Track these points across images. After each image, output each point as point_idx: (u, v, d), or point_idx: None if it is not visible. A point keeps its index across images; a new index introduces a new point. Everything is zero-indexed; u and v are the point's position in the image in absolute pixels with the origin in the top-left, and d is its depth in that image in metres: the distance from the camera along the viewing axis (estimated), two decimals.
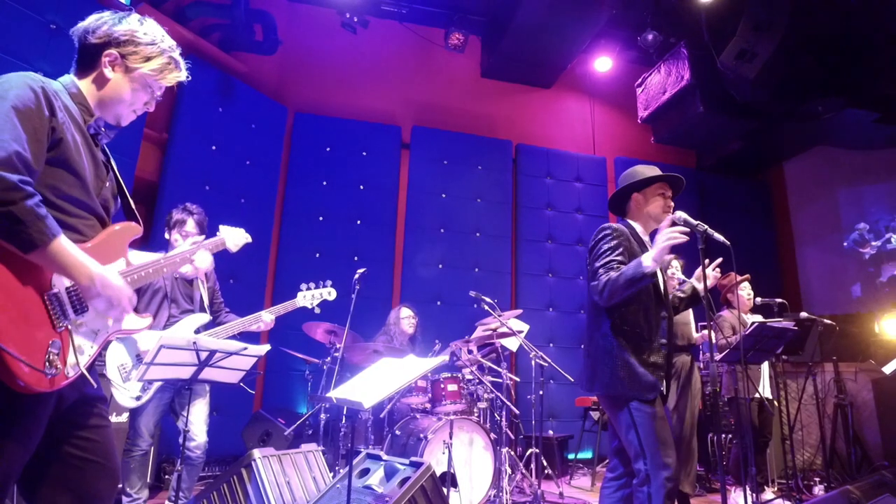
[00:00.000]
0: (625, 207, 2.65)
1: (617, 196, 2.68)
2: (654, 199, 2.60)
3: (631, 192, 2.62)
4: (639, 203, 2.61)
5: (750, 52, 5.76)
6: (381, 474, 2.64)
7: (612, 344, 2.37)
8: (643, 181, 2.60)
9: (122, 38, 1.57)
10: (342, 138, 6.37)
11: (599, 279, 2.32)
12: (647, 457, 2.21)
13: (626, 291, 2.29)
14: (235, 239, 2.74)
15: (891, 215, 7.42)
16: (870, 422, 5.06)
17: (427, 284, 6.23)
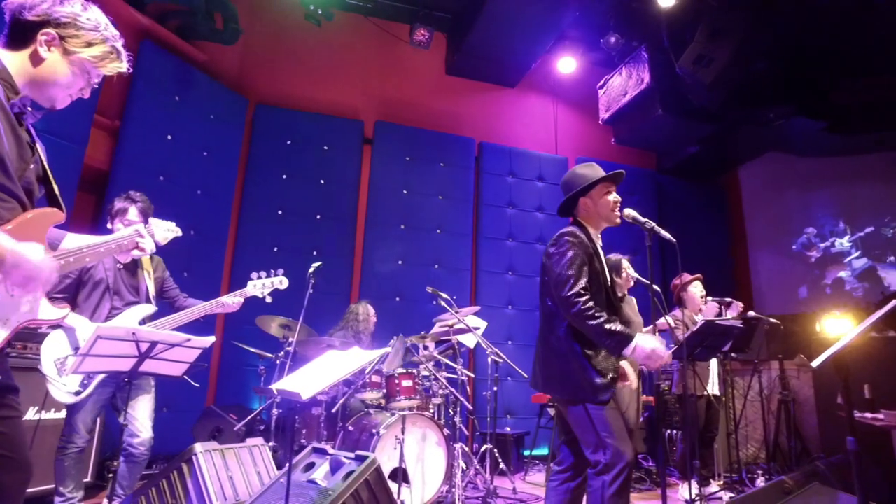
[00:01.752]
0: (574, 211, 2.68)
1: (565, 202, 2.70)
2: (602, 200, 2.62)
3: (578, 198, 2.64)
4: (587, 207, 2.63)
5: (707, 58, 5.91)
6: (327, 468, 2.61)
7: (569, 346, 2.40)
8: (588, 185, 2.61)
9: (63, 20, 1.51)
10: (304, 131, 6.29)
11: (581, 300, 2.30)
12: (606, 448, 2.26)
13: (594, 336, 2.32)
14: (165, 232, 2.68)
15: (835, 221, 7.72)
16: (810, 416, 5.26)
17: (387, 280, 6.21)
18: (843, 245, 7.72)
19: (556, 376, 2.42)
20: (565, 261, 2.41)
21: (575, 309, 2.31)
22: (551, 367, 2.45)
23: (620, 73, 6.71)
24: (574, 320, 2.35)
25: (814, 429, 5.23)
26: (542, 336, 2.53)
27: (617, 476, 2.23)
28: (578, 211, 2.65)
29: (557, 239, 2.50)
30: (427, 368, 4.32)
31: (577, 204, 2.64)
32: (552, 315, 2.49)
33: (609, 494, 2.22)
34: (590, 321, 2.29)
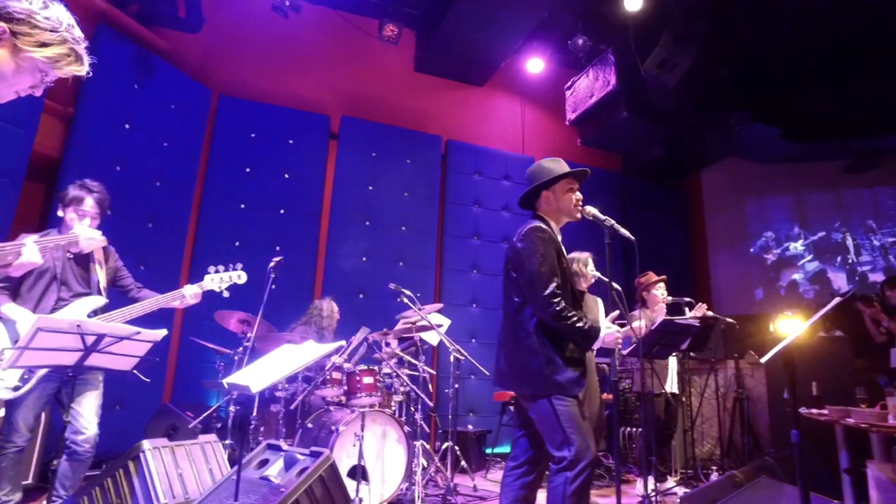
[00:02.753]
0: (535, 204, 2.68)
1: (527, 193, 2.71)
2: (564, 195, 2.64)
3: (540, 190, 2.65)
4: (549, 200, 2.64)
5: (671, 62, 6.03)
6: (281, 465, 2.57)
7: (538, 342, 2.40)
8: (552, 179, 2.63)
9: (18, 16, 1.42)
10: (268, 125, 6.18)
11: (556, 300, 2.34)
12: (571, 445, 2.27)
13: (568, 335, 2.38)
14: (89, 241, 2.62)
15: (790, 225, 7.98)
16: (763, 413, 5.41)
17: (350, 277, 6.15)
18: (797, 249, 7.98)
19: (524, 372, 2.42)
20: (537, 258, 2.42)
21: (551, 309, 2.33)
22: (519, 363, 2.44)
23: (587, 74, 6.78)
24: (548, 319, 2.36)
25: (766, 425, 5.38)
26: (508, 331, 2.52)
27: (580, 473, 2.24)
28: (540, 204, 2.65)
29: (526, 234, 2.49)
30: (389, 366, 4.29)
31: (540, 196, 2.65)
32: (519, 310, 2.48)
33: (571, 491, 2.23)
34: (564, 321, 2.33)
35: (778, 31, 6.30)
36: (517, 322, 2.48)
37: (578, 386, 2.38)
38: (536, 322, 2.42)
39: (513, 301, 2.52)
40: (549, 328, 2.41)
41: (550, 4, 6.24)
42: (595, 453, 2.33)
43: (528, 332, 2.43)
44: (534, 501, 2.51)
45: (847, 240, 7.72)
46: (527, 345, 2.42)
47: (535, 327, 2.42)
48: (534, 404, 2.39)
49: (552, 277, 2.38)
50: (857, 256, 7.64)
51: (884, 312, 5.16)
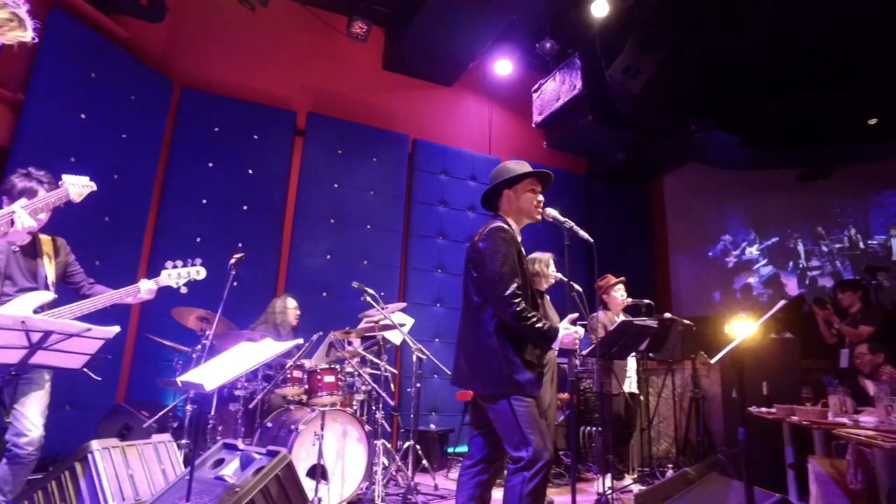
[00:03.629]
0: (496, 203, 2.70)
1: (489, 192, 2.72)
2: (525, 195, 2.65)
3: (502, 189, 2.66)
4: (510, 199, 2.65)
5: (635, 69, 6.15)
6: (237, 464, 2.52)
7: (498, 342, 2.41)
8: (514, 178, 2.64)
9: None
10: (233, 119, 6.07)
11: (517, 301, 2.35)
12: (529, 444, 2.28)
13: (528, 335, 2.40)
14: (80, 188, 2.50)
15: (747, 231, 8.24)
16: (717, 413, 5.57)
17: (314, 275, 6.09)
18: (752, 253, 8.25)
19: (484, 371, 2.42)
20: (499, 258, 2.42)
21: (511, 310, 2.35)
22: (478, 363, 2.44)
23: (554, 78, 6.87)
24: (508, 320, 2.37)
25: (720, 424, 5.54)
26: (468, 331, 2.52)
27: (537, 473, 2.27)
28: (502, 203, 2.67)
29: (488, 234, 2.50)
30: (351, 365, 4.27)
31: (502, 196, 2.66)
32: (479, 310, 2.49)
33: (527, 491, 2.25)
34: (524, 322, 2.35)
35: (738, 43, 6.50)
36: (477, 321, 2.49)
37: (537, 387, 2.41)
38: (497, 322, 2.43)
39: (473, 300, 2.53)
40: (508, 328, 2.43)
41: (519, 7, 6.30)
42: (551, 453, 2.36)
43: (489, 332, 2.43)
44: (489, 500, 2.53)
45: (798, 245, 8.02)
46: (487, 344, 2.43)
47: (496, 327, 2.43)
48: (492, 404, 2.40)
49: (513, 278, 2.40)
50: (808, 261, 7.95)
51: (836, 315, 5.36)
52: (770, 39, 6.42)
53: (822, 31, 6.29)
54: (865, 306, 5.21)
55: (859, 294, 5.27)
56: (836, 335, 5.37)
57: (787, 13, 6.12)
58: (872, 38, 6.31)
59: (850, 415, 3.05)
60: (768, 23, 6.24)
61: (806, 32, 6.33)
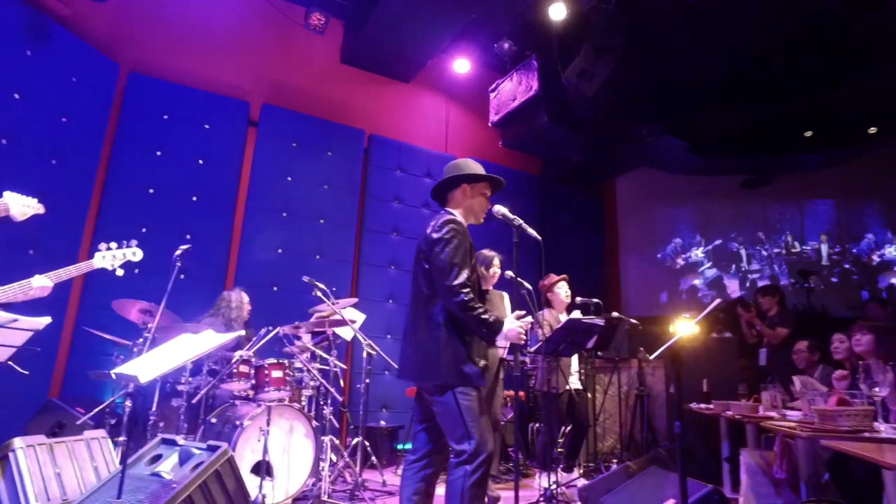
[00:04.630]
0: (447, 196, 2.71)
1: (444, 183, 2.72)
2: (479, 196, 2.70)
3: (461, 183, 2.68)
4: (465, 194, 2.68)
5: (590, 72, 6.27)
6: (175, 460, 2.45)
7: (446, 334, 2.42)
8: (476, 175, 2.68)
9: None
10: (183, 107, 5.88)
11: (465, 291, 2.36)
12: (472, 438, 2.30)
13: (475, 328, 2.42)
14: (23, 208, 2.38)
15: (693, 234, 8.54)
16: (661, 410, 5.75)
17: (265, 268, 5.97)
18: (698, 256, 8.55)
19: (430, 364, 2.42)
20: (450, 248, 2.43)
21: (458, 299, 2.35)
22: (425, 355, 2.44)
23: (511, 78, 6.94)
24: (455, 309, 2.38)
25: (663, 420, 5.73)
26: (416, 323, 2.52)
27: (479, 467, 2.29)
28: (455, 195, 2.69)
29: (442, 225, 2.50)
30: (300, 360, 4.21)
31: (457, 188, 2.68)
32: (429, 301, 2.49)
33: (469, 484, 2.27)
34: (471, 312, 2.36)
35: (688, 53, 6.72)
36: (427, 313, 2.49)
37: (482, 379, 2.43)
38: (447, 314, 2.44)
39: (423, 292, 2.53)
40: (457, 321, 2.44)
41: (479, 7, 6.33)
42: (493, 447, 2.39)
43: (437, 324, 2.44)
44: (433, 493, 2.54)
45: (741, 249, 8.37)
46: (435, 336, 2.43)
47: (445, 319, 2.44)
48: (438, 397, 2.41)
49: (464, 268, 2.41)
50: (749, 265, 8.31)
51: (757, 317, 5.70)
52: (717, 51, 6.67)
53: (766, 46, 6.57)
54: (781, 310, 5.58)
55: (777, 298, 5.65)
56: (757, 336, 5.70)
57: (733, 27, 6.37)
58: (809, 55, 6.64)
59: (779, 409, 3.20)
60: (716, 35, 6.47)
61: (750, 46, 6.60)
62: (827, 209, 8.37)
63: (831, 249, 8.23)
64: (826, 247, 8.24)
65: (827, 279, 8.11)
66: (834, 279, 8.14)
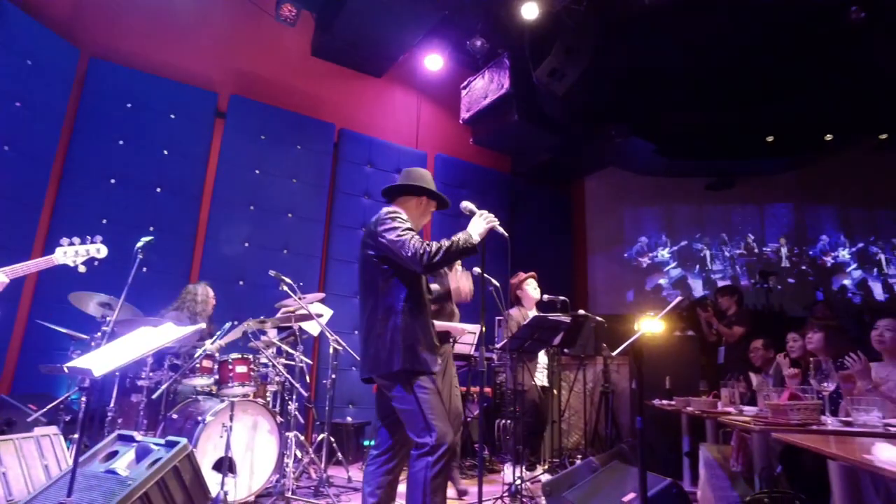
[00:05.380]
0: (399, 197, 2.75)
1: (406, 188, 2.75)
2: (427, 212, 2.81)
3: (422, 194, 2.75)
4: (419, 205, 2.75)
5: (560, 72, 6.33)
6: (132, 457, 2.39)
7: (405, 322, 2.43)
8: (434, 192, 2.78)
9: None
10: (148, 96, 5.72)
11: (426, 245, 2.39)
12: (432, 430, 2.31)
13: (455, 258, 2.51)
14: None
15: (659, 234, 8.71)
16: (625, 406, 5.85)
17: (231, 262, 5.86)
18: (663, 256, 8.72)
19: (387, 358, 2.41)
20: (396, 223, 2.47)
21: (424, 257, 2.37)
22: (381, 349, 2.43)
23: (483, 76, 6.95)
24: (425, 266, 2.40)
25: (627, 417, 5.83)
26: (371, 318, 2.50)
27: (440, 458, 2.31)
28: (406, 202, 2.73)
29: (385, 217, 2.52)
30: (265, 355, 4.15)
31: (412, 197, 2.74)
32: (385, 293, 2.48)
33: (431, 475, 2.29)
34: (441, 255, 2.38)
35: (656, 56, 6.84)
36: (382, 303, 2.48)
37: (437, 365, 2.46)
38: (404, 303, 2.45)
39: (376, 286, 2.52)
40: (412, 310, 2.45)
41: (452, 4, 6.33)
42: (452, 439, 2.40)
43: (397, 311, 2.45)
44: (396, 486, 2.55)
45: (704, 250, 8.58)
46: (395, 324, 2.43)
47: (403, 307, 2.45)
48: (396, 392, 2.41)
49: (412, 235, 2.44)
50: (712, 265, 8.52)
51: (715, 317, 5.87)
52: (685, 57, 6.81)
53: (731, 53, 6.74)
54: (739, 309, 5.75)
55: (735, 298, 5.84)
56: (716, 335, 5.87)
57: (699, 34, 6.51)
58: (771, 63, 6.84)
59: (736, 405, 3.29)
60: (683, 41, 6.61)
61: (716, 53, 6.75)
62: (786, 212, 8.64)
63: (789, 251, 8.50)
64: (785, 249, 8.50)
65: (785, 280, 8.37)
66: (791, 280, 8.41)
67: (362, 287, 2.60)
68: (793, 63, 6.79)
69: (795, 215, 8.63)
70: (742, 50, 6.66)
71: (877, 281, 8.28)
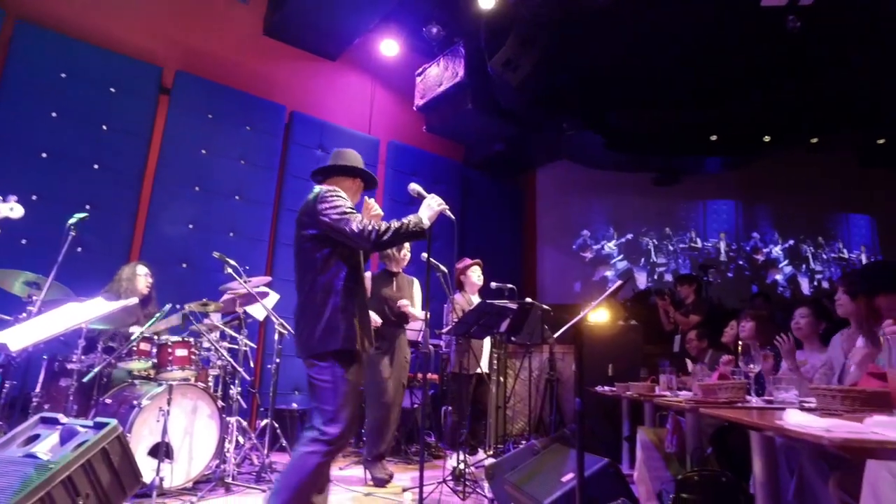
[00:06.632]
0: (332, 178, 2.69)
1: (339, 168, 2.70)
2: (358, 193, 2.77)
3: (356, 176, 2.72)
4: (353, 186, 2.71)
5: (515, 63, 6.38)
6: (55, 440, 2.27)
7: (343, 302, 2.37)
8: (367, 174, 2.75)
9: None
10: (85, 66, 5.41)
11: (374, 223, 2.34)
12: (337, 420, 2.24)
13: (404, 240, 2.51)
14: None
15: (607, 227, 8.92)
16: (570, 394, 5.99)
17: (173, 244, 5.64)
18: (610, 248, 8.95)
19: (322, 335, 2.34)
20: (337, 203, 2.40)
21: (372, 237, 2.32)
22: (318, 327, 2.35)
23: (438, 63, 6.93)
24: (372, 245, 2.35)
25: (571, 404, 5.97)
26: (309, 296, 2.43)
27: (332, 452, 2.25)
28: (339, 182, 2.67)
29: (327, 195, 2.45)
30: (207, 339, 4.03)
31: (346, 178, 2.70)
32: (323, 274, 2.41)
33: (317, 463, 2.22)
34: (389, 236, 2.34)
35: (609, 52, 6.98)
36: (318, 282, 2.41)
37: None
38: (344, 282, 2.40)
39: (315, 260, 2.44)
40: (350, 289, 2.41)
41: None
42: (352, 431, 2.36)
43: (337, 290, 2.38)
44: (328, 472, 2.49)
45: (649, 243, 8.85)
46: (334, 303, 2.37)
47: (343, 286, 2.39)
48: (318, 372, 2.34)
49: (355, 213, 2.39)
50: (656, 258, 8.80)
51: (672, 305, 6.04)
52: (636, 54, 6.97)
53: (682, 52, 6.94)
54: (697, 298, 5.92)
55: (694, 287, 5.99)
56: (672, 323, 6.03)
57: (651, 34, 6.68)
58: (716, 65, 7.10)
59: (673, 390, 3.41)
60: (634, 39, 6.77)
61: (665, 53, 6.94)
62: (727, 209, 9.01)
63: (728, 247, 8.87)
64: (724, 244, 8.87)
65: (724, 274, 8.74)
66: (730, 274, 8.79)
67: (298, 267, 2.53)
68: (739, 65, 7.06)
69: (735, 212, 9.01)
70: (692, 50, 6.87)
71: (804, 276, 8.76)
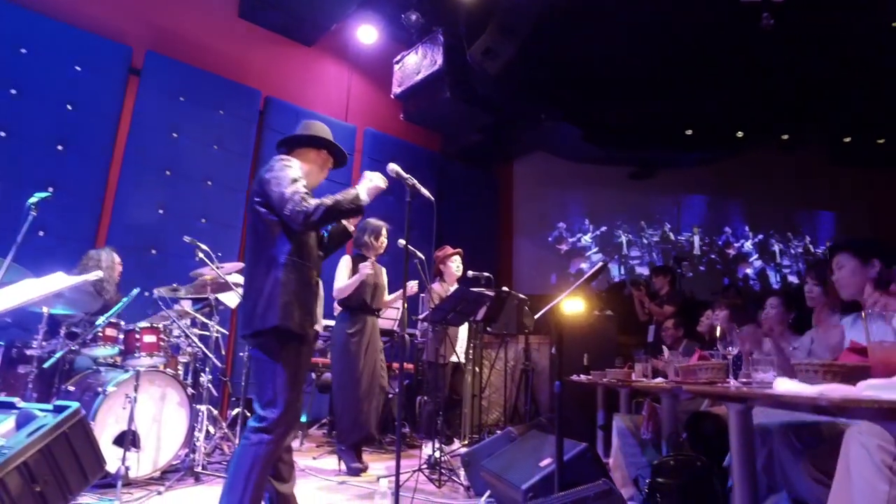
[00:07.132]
0: (297, 150, 2.54)
1: (301, 138, 2.55)
2: (325, 167, 2.61)
3: (322, 147, 2.56)
4: (318, 157, 2.55)
5: (494, 52, 6.34)
6: (10, 425, 2.16)
7: (286, 276, 2.23)
8: (335, 146, 2.59)
9: None
10: (48, 43, 5.21)
11: (305, 203, 2.17)
12: (278, 406, 2.15)
13: (340, 218, 2.37)
14: None
15: (582, 220, 8.98)
16: (545, 384, 6.01)
17: (143, 229, 5.48)
18: (586, 241, 9.01)
19: (262, 311, 2.20)
20: (283, 179, 2.24)
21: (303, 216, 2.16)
22: (259, 302, 2.22)
23: (416, 51, 6.85)
24: (305, 223, 2.19)
25: (546, 394, 6.00)
26: (253, 269, 2.30)
27: (276, 440, 2.15)
28: (304, 153, 2.52)
29: (274, 164, 2.33)
30: (178, 325, 3.92)
31: (311, 150, 2.54)
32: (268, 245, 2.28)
33: (263, 453, 2.13)
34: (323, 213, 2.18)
35: (588, 45, 6.99)
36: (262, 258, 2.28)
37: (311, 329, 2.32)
38: (289, 256, 2.26)
39: (260, 237, 2.31)
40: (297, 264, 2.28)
41: None
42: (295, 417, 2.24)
43: (279, 265, 2.25)
44: (291, 460, 2.43)
45: (624, 236, 8.94)
46: (269, 281, 2.23)
47: (286, 260, 2.26)
48: (257, 353, 2.24)
49: (295, 190, 2.20)
50: (630, 251, 8.90)
51: (647, 296, 6.11)
52: (614, 48, 7.00)
53: (653, 49, 7.00)
54: (672, 289, 6.01)
55: (669, 278, 6.07)
56: (647, 314, 6.11)
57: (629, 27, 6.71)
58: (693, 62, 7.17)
59: (649, 378, 3.43)
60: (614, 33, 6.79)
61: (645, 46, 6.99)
62: (700, 204, 9.15)
63: (701, 241, 9.01)
64: (697, 238, 9.01)
65: (696, 267, 8.88)
66: (702, 267, 8.93)
67: (250, 238, 2.39)
68: (714, 62, 7.13)
69: (708, 207, 9.15)
70: (669, 45, 6.93)
71: (773, 271, 8.95)
